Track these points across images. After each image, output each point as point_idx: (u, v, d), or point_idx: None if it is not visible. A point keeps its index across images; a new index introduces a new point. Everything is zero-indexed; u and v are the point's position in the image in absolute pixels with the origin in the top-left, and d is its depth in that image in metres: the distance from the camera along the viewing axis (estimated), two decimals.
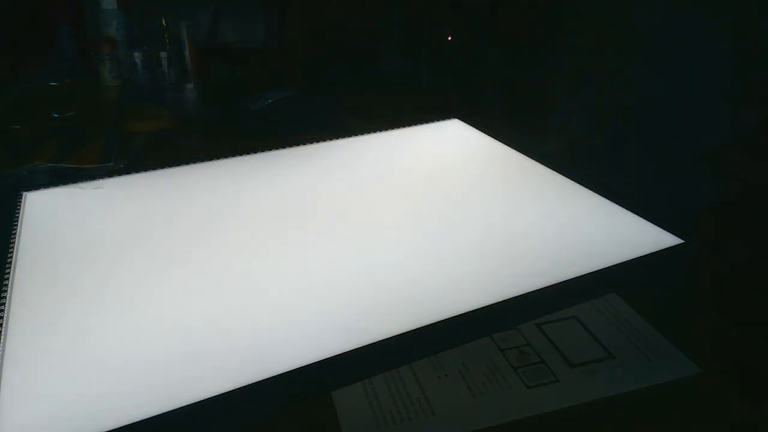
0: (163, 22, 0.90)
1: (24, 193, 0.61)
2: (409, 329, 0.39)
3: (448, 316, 0.40)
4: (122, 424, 0.32)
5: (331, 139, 0.74)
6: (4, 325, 0.41)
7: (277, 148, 0.71)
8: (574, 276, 0.45)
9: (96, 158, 0.66)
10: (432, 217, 0.55)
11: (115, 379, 0.36)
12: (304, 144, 0.73)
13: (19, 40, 0.95)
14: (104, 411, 0.34)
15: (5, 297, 0.44)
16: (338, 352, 0.37)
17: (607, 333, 0.40)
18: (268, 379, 0.35)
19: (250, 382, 0.35)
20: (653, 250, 0.48)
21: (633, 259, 0.47)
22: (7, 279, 0.46)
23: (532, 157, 0.67)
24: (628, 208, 0.54)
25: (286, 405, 0.35)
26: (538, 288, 0.43)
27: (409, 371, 0.37)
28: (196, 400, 0.34)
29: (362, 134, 0.76)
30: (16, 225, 0.54)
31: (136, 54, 0.90)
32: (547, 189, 0.60)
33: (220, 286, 0.45)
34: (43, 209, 0.58)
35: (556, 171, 0.63)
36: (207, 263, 0.48)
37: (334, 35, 1.19)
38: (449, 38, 1.28)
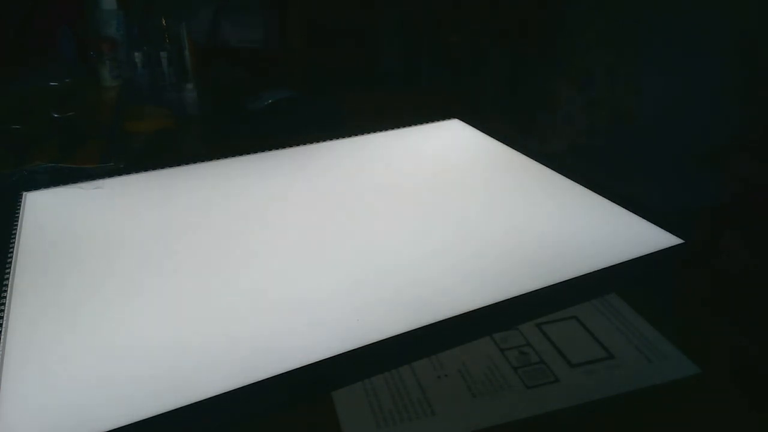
0: (163, 22, 0.90)
1: (24, 193, 0.61)
2: (409, 329, 0.39)
3: (448, 316, 0.40)
4: (122, 424, 0.32)
5: (331, 139, 0.74)
6: (4, 325, 0.41)
7: (277, 148, 0.71)
8: (574, 276, 0.45)
9: (96, 158, 0.66)
10: (431, 216, 0.55)
11: (115, 379, 0.36)
12: (304, 144, 0.73)
13: (19, 40, 0.95)
14: (105, 411, 0.34)
15: (5, 297, 0.44)
16: (338, 352, 0.37)
17: (607, 333, 0.40)
18: (268, 379, 0.35)
19: (250, 382, 0.35)
20: (653, 250, 0.48)
21: (633, 259, 0.47)
22: (7, 279, 0.46)
23: (532, 157, 0.67)
24: (628, 208, 0.55)
25: (286, 405, 0.35)
26: (538, 288, 0.43)
27: (409, 371, 0.37)
28: (196, 400, 0.34)
29: (362, 134, 0.76)
30: (16, 225, 0.54)
31: (136, 54, 0.90)
32: (546, 189, 0.60)
33: (220, 286, 0.45)
34: (43, 209, 0.58)
35: (555, 171, 0.63)
36: (207, 263, 0.48)
37: (334, 35, 1.19)
38: (454, 39, 1.28)
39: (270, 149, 0.71)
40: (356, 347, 0.38)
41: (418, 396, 0.35)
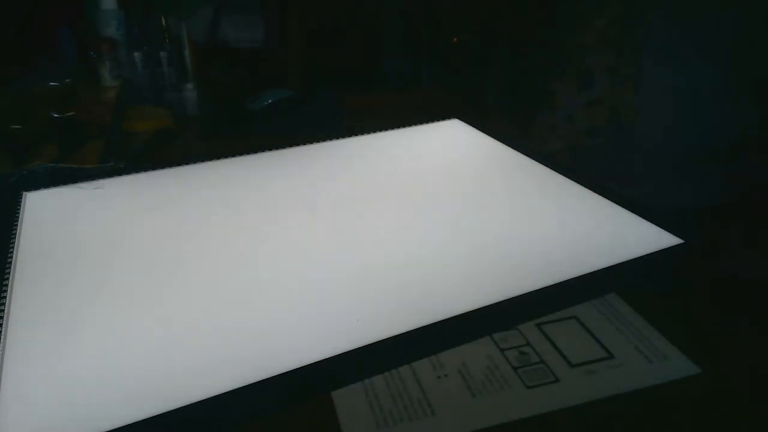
0: (163, 22, 0.90)
1: (24, 193, 0.61)
2: (409, 329, 0.39)
3: (448, 316, 0.40)
4: (122, 424, 0.32)
5: (331, 139, 0.74)
6: (4, 325, 0.41)
7: (277, 148, 0.71)
8: (574, 276, 0.45)
9: (96, 158, 0.66)
10: (431, 217, 0.55)
11: (115, 379, 0.36)
12: (304, 144, 0.73)
13: (19, 40, 0.95)
14: (104, 411, 0.34)
15: (5, 297, 0.44)
16: (338, 352, 0.37)
17: (607, 333, 0.40)
18: (268, 379, 0.35)
19: (250, 382, 0.35)
20: (653, 250, 0.48)
21: (633, 259, 0.47)
22: (7, 279, 0.46)
23: (532, 157, 0.67)
24: (628, 208, 0.55)
25: (286, 405, 0.35)
26: (538, 288, 0.43)
27: (409, 371, 0.37)
28: (196, 400, 0.34)
29: (362, 134, 0.76)
30: (16, 225, 0.55)
31: (136, 54, 0.90)
32: (547, 189, 0.60)
33: (220, 286, 0.45)
34: (43, 209, 0.58)
35: (556, 171, 0.63)
36: (207, 263, 0.48)
37: (334, 35, 1.19)
38: (455, 40, 1.28)
39: (270, 149, 0.71)
40: (356, 347, 0.38)
41: (418, 396, 0.35)
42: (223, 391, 0.34)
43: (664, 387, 0.36)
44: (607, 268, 0.46)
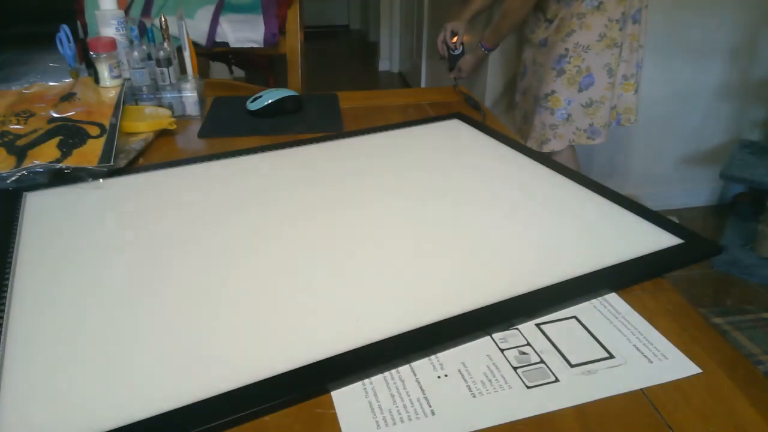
0: (163, 21, 0.90)
1: (24, 193, 0.61)
2: (409, 329, 0.39)
3: (448, 316, 0.40)
4: (122, 424, 0.33)
5: (331, 139, 0.74)
6: (4, 325, 0.41)
7: (277, 148, 0.71)
8: (574, 276, 0.45)
9: (96, 158, 0.66)
10: (432, 217, 0.55)
11: (114, 379, 0.36)
12: (304, 144, 0.73)
13: (19, 40, 0.95)
14: (104, 410, 0.34)
15: (5, 296, 0.44)
16: (338, 352, 0.37)
17: (607, 333, 0.40)
18: (268, 379, 0.35)
19: (250, 382, 0.35)
20: (653, 250, 0.48)
21: (633, 259, 0.47)
22: (7, 279, 0.46)
23: (531, 157, 0.67)
24: (628, 209, 0.55)
25: (286, 405, 0.35)
26: (538, 288, 0.43)
27: (409, 371, 0.37)
28: (197, 400, 0.34)
29: (362, 134, 0.76)
30: (16, 225, 0.55)
31: (136, 54, 0.90)
32: (547, 189, 0.60)
33: (220, 286, 0.45)
34: (43, 209, 0.58)
35: (555, 171, 0.63)
36: (207, 262, 0.48)
37: (333, 35, 1.19)
38: (455, 40, 1.28)
39: (270, 149, 0.71)
40: (356, 347, 0.38)
41: (418, 396, 0.35)
42: (224, 391, 0.35)
43: (664, 387, 0.36)
44: (607, 268, 0.46)
